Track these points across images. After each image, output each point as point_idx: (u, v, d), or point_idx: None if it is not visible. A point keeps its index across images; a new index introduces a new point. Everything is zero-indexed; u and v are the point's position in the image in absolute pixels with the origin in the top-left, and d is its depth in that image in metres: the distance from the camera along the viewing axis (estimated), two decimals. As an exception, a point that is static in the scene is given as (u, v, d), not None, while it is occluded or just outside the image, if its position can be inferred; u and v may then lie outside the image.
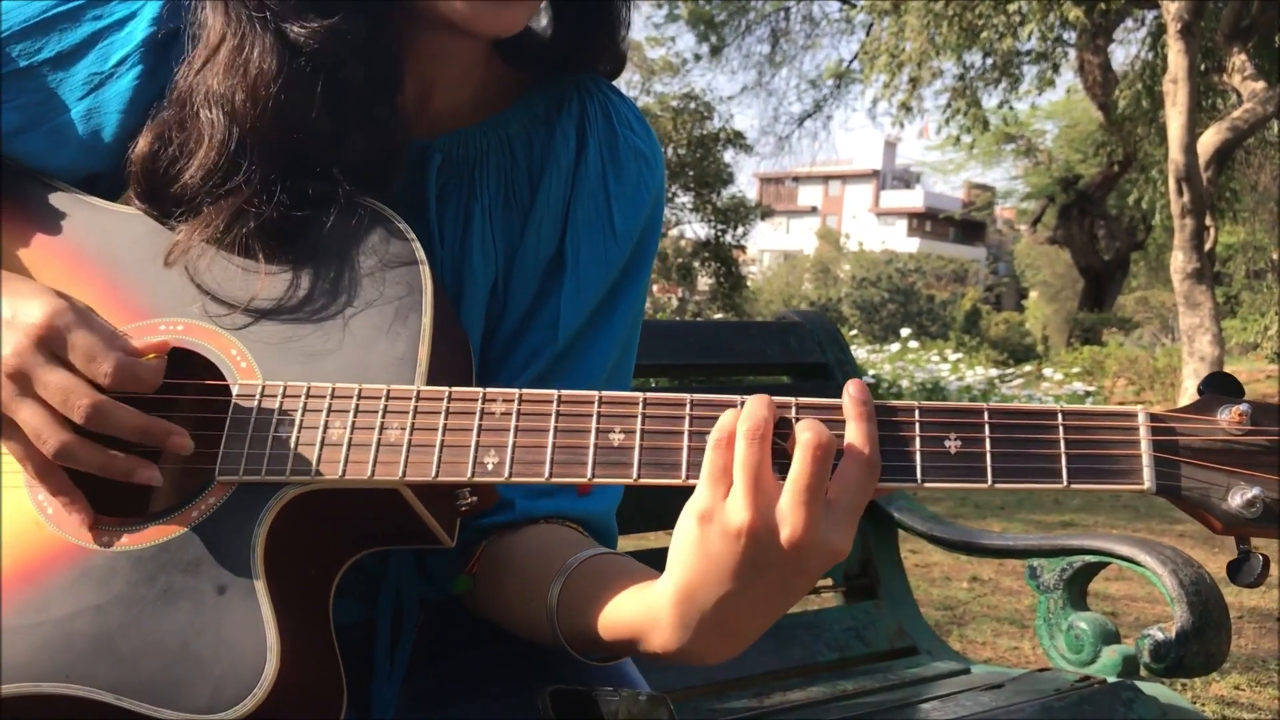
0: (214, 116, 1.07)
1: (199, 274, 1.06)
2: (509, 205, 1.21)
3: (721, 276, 20.59)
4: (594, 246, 1.22)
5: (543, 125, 1.23)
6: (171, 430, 0.98)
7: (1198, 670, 1.90)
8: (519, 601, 1.10)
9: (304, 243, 1.07)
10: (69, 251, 1.11)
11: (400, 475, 0.95)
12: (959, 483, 0.90)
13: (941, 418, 0.91)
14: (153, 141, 1.09)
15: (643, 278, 1.26)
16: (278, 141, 1.07)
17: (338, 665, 1.00)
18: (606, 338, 1.22)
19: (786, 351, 2.42)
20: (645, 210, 1.25)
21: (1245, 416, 0.87)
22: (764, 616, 0.93)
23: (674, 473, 0.92)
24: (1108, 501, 8.00)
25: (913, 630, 2.27)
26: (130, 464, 0.98)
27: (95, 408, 0.95)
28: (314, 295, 1.05)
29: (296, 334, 1.04)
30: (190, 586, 0.94)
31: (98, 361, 0.96)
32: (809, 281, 40.65)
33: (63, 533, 0.99)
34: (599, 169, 1.23)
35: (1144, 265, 29.58)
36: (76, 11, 1.14)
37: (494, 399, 0.96)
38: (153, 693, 0.90)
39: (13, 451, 0.99)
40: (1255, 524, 0.86)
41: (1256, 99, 13.32)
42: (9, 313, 0.98)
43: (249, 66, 1.06)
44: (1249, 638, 4.52)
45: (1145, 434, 0.89)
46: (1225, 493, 0.87)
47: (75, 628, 0.94)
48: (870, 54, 17.35)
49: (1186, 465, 0.88)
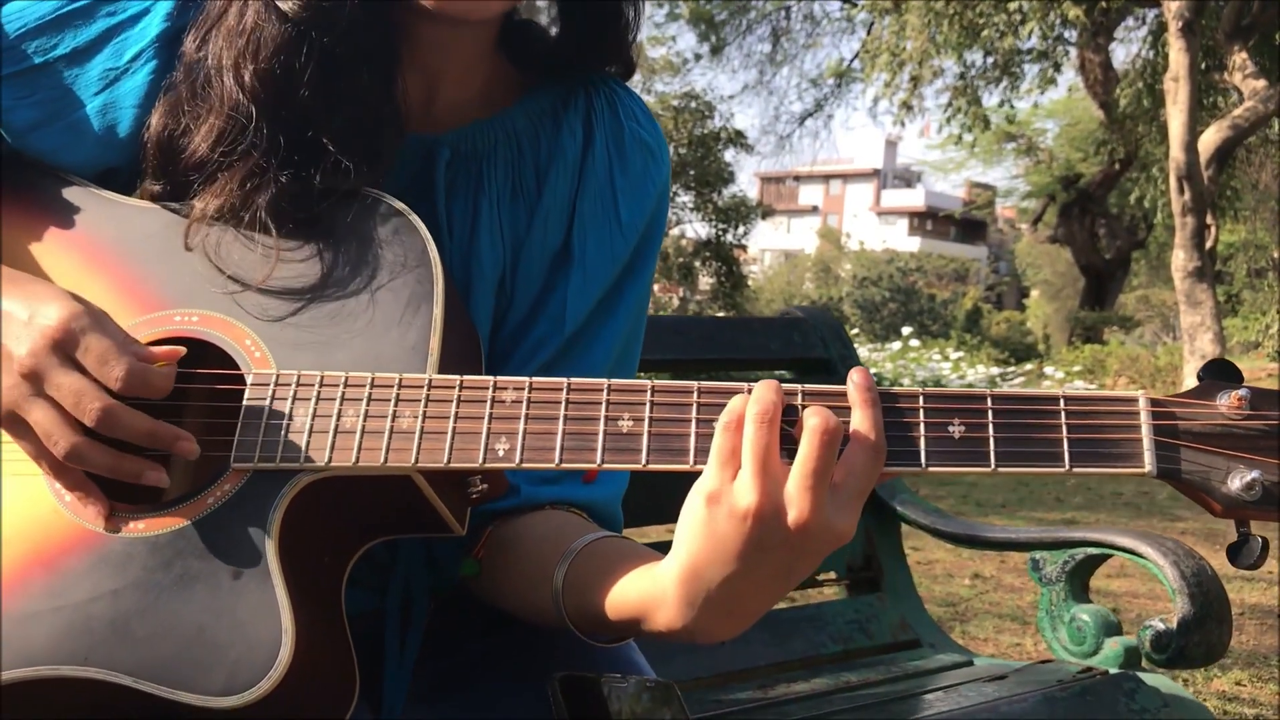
0: (221, 82, 1.10)
1: (217, 255, 1.08)
2: (516, 199, 1.23)
3: (723, 276, 20.58)
4: (600, 239, 1.23)
5: (549, 119, 1.25)
6: (179, 435, 0.99)
7: (1199, 661, 1.91)
8: (525, 585, 1.11)
9: (318, 233, 1.09)
10: (85, 245, 1.13)
11: (413, 461, 0.97)
12: (962, 466, 0.91)
13: (946, 403, 0.93)
14: (165, 116, 1.12)
15: (648, 269, 1.28)
16: (277, 107, 1.09)
17: (350, 652, 1.02)
18: (611, 329, 1.23)
19: (790, 347, 2.43)
20: (651, 202, 1.26)
21: (1244, 401, 0.89)
22: (767, 597, 0.94)
23: (682, 458, 0.94)
24: (1109, 499, 8.01)
25: (916, 623, 2.28)
26: (139, 466, 0.99)
27: (106, 411, 0.97)
28: (327, 287, 1.07)
29: (310, 325, 1.05)
30: (206, 572, 0.96)
31: (110, 366, 0.97)
32: (810, 281, 40.64)
33: (80, 520, 1.00)
34: (605, 162, 1.24)
35: (1145, 264, 29.58)
36: (89, 8, 1.15)
37: (505, 387, 0.98)
38: (169, 676, 0.92)
39: (26, 450, 1.00)
40: (1255, 507, 0.88)
41: (1257, 97, 13.33)
42: (26, 313, 1.00)
43: (247, 33, 1.09)
44: (1250, 634, 4.53)
45: (1146, 418, 0.90)
46: (1225, 476, 0.88)
47: (94, 612, 0.95)
48: (871, 53, 17.36)
49: (1187, 449, 0.89)
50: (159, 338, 1.06)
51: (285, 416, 1.00)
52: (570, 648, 1.18)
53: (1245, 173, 19.51)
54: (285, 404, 1.00)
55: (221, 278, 1.08)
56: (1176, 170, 12.65)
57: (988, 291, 43.84)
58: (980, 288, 42.27)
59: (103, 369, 0.97)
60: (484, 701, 1.15)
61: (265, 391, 1.01)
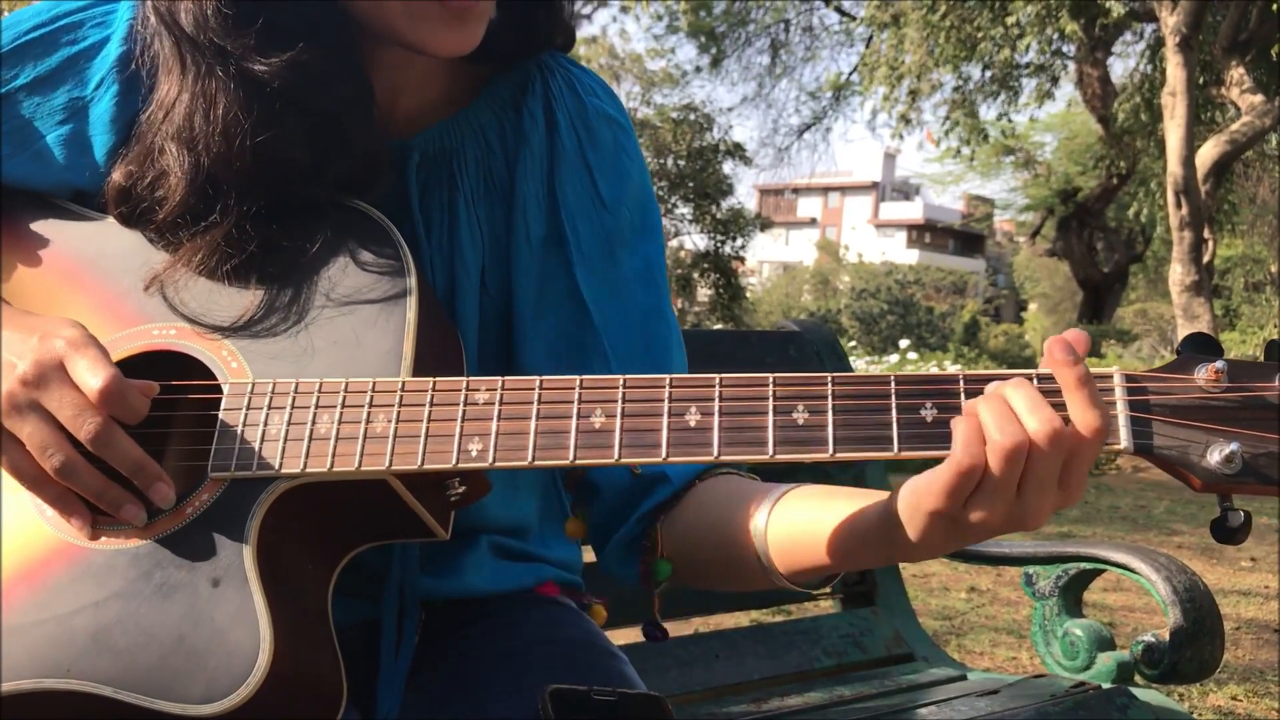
0: (182, 160, 1.09)
1: (178, 297, 1.09)
2: (490, 192, 1.23)
3: (721, 287, 20.60)
4: (587, 218, 1.23)
5: (510, 109, 1.25)
6: (160, 477, 1.00)
7: (1191, 676, 1.90)
8: (718, 555, 1.13)
9: (299, 254, 1.09)
10: (62, 263, 1.14)
11: (387, 465, 0.97)
12: (935, 450, 0.90)
13: (918, 386, 0.92)
14: (124, 179, 1.12)
15: (653, 235, 1.28)
16: (257, 178, 1.08)
17: (337, 659, 1.01)
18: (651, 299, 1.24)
19: (786, 360, 2.43)
20: (629, 173, 1.26)
21: (1222, 374, 0.87)
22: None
23: (654, 452, 0.94)
24: (1106, 513, 8.01)
25: (910, 637, 2.27)
26: (121, 497, 0.99)
27: (103, 428, 0.97)
28: (300, 296, 1.07)
29: (286, 334, 1.06)
30: (185, 581, 0.96)
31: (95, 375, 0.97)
32: (808, 293, 40.67)
33: (61, 533, 1.00)
34: (574, 142, 1.24)
35: (1143, 278, 29.63)
36: (50, 37, 1.17)
37: (477, 388, 0.98)
38: (150, 685, 0.91)
39: (6, 464, 1.00)
40: (1234, 479, 0.86)
41: (1255, 112, 13.36)
42: (42, 329, 1.01)
43: (217, 112, 1.07)
44: (1247, 649, 4.52)
45: (1121, 394, 0.89)
46: (1204, 450, 0.86)
47: (76, 624, 0.95)
48: (869, 66, 17.40)
49: (1164, 423, 0.88)
50: (138, 351, 1.07)
51: (261, 425, 1.00)
52: (562, 659, 1.18)
53: (1243, 187, 19.56)
54: (261, 413, 1.01)
55: (189, 322, 1.08)
56: (1174, 184, 12.67)
57: (986, 304, 43.91)
58: (978, 300, 42.32)
59: (85, 384, 0.98)
60: (476, 711, 1.15)
61: (241, 401, 1.02)
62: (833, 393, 0.93)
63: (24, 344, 1.00)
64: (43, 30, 1.17)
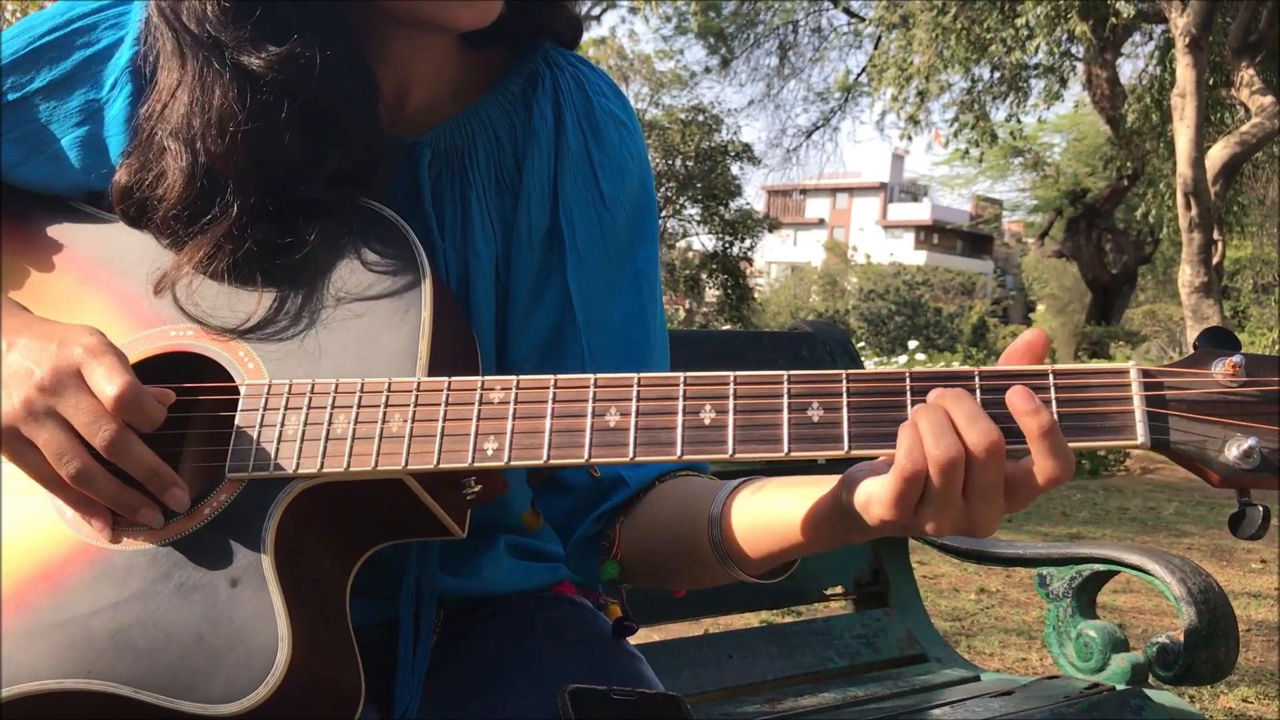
0: (180, 156, 1.09)
1: (189, 299, 1.09)
2: (500, 187, 1.23)
3: (729, 288, 20.62)
4: (586, 216, 1.23)
5: (520, 105, 1.25)
6: (175, 483, 1.00)
7: (1206, 678, 1.90)
8: (679, 547, 1.14)
9: (301, 248, 1.09)
10: (80, 265, 1.14)
11: (403, 465, 0.97)
12: None
13: (931, 382, 0.91)
14: (126, 177, 1.12)
15: (648, 242, 1.28)
16: (253, 171, 1.08)
17: (355, 658, 1.01)
18: (637, 304, 1.24)
19: (798, 361, 2.43)
20: (631, 173, 1.26)
21: (1239, 368, 0.86)
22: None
23: (669, 450, 0.94)
24: (1115, 514, 7.99)
25: (923, 638, 2.27)
26: (138, 501, 1.00)
27: (119, 434, 0.98)
28: (314, 297, 1.07)
29: (302, 335, 1.06)
30: (204, 581, 0.96)
31: (111, 382, 0.98)
32: (816, 294, 40.60)
33: (81, 535, 1.01)
34: (579, 140, 1.24)
35: (1151, 279, 29.53)
36: (65, 40, 1.17)
37: (492, 387, 0.98)
38: (169, 685, 0.92)
39: (26, 469, 1.01)
40: (1253, 474, 0.85)
41: (1264, 113, 13.31)
42: (61, 337, 1.01)
43: (212, 105, 1.07)
44: (1257, 650, 4.50)
45: (1138, 389, 0.88)
46: (1221, 445, 0.85)
47: (95, 625, 0.95)
48: (878, 67, 17.35)
49: (1181, 418, 0.87)
50: (155, 353, 1.07)
51: (278, 425, 1.00)
52: (581, 659, 1.18)
53: (1252, 188, 19.49)
54: (277, 413, 1.01)
55: (198, 325, 1.08)
56: (1183, 186, 12.63)
57: (994, 305, 43.79)
58: (986, 302, 42.19)
59: (104, 385, 0.98)
60: (494, 710, 1.15)
61: (258, 402, 1.02)
62: (848, 390, 0.93)
63: (43, 351, 1.00)
64: (57, 34, 1.17)
